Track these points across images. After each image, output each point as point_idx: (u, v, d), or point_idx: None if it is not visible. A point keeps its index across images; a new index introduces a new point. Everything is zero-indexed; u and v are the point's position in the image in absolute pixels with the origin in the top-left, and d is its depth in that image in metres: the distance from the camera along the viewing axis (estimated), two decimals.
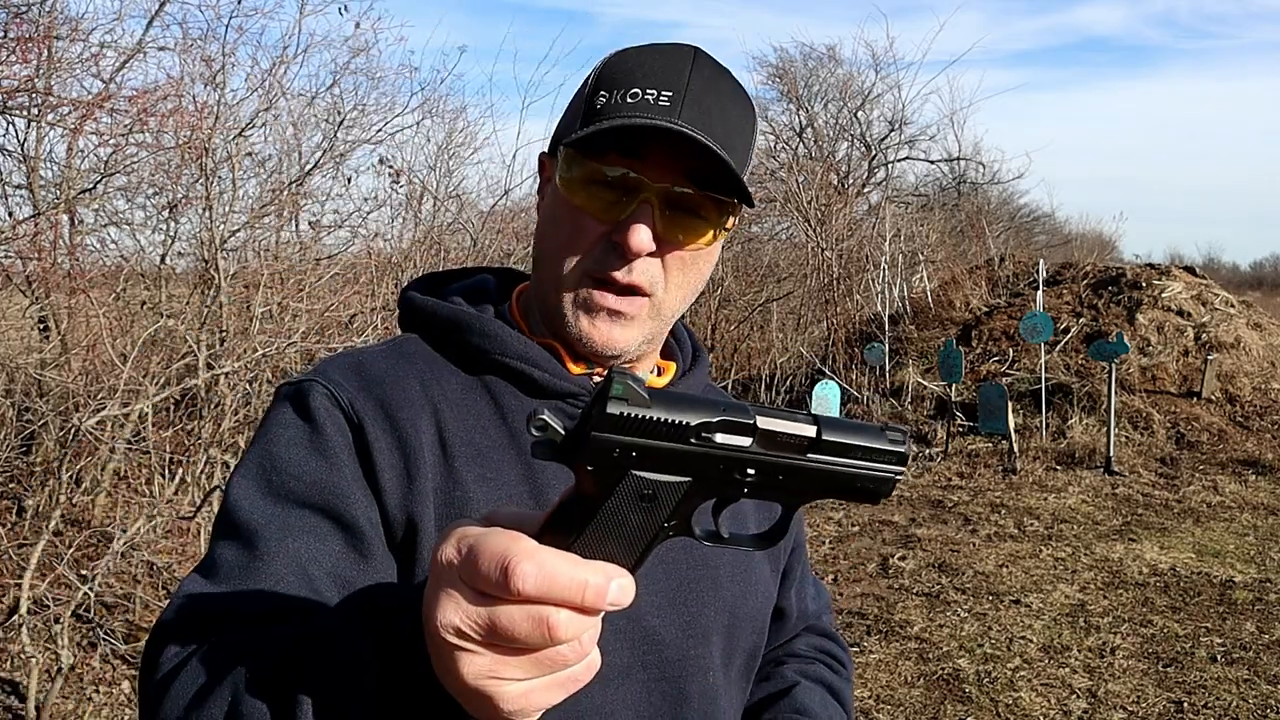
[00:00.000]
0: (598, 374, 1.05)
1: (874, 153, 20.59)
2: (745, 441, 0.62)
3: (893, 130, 20.82)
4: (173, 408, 5.94)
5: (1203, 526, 7.12)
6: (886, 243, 12.59)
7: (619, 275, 0.97)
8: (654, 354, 1.12)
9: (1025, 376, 10.29)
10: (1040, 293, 10.94)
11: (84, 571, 4.19)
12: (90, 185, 6.29)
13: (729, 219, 1.00)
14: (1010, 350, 10.89)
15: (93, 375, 5.34)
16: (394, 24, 16.43)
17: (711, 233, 1.00)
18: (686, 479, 0.61)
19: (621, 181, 0.95)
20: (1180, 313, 10.96)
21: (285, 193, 7.38)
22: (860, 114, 20.63)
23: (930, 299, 12.71)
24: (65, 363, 5.54)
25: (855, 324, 12.46)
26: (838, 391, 8.48)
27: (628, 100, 0.94)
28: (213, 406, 5.49)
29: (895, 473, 0.66)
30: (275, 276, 6.28)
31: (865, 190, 19.54)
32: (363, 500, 0.92)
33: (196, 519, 4.92)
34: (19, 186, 6.49)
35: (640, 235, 0.94)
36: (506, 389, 1.02)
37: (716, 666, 1.05)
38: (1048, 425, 9.57)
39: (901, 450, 0.66)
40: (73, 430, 4.85)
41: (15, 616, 3.83)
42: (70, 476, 5.08)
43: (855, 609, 5.48)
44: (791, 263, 13.36)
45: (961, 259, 15.22)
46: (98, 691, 4.05)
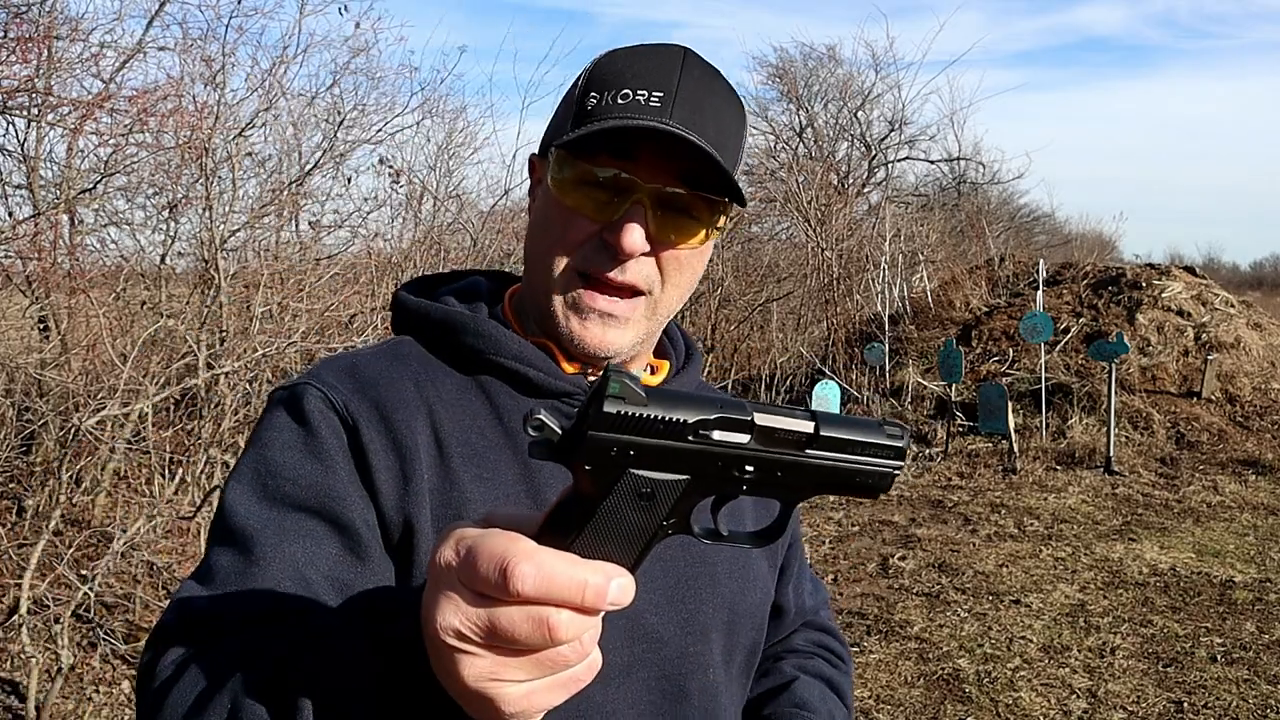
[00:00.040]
0: (593, 373, 1.05)
1: (874, 153, 20.60)
2: (743, 438, 0.62)
3: (893, 130, 20.86)
4: (173, 408, 5.94)
5: (1203, 526, 7.11)
6: (886, 243, 12.58)
7: (612, 275, 0.97)
8: (648, 353, 1.12)
9: (1025, 376, 10.28)
10: (1040, 293, 10.93)
11: (84, 571, 4.18)
12: (90, 185, 6.29)
13: (721, 218, 1.01)
14: (1010, 350, 10.88)
15: (93, 375, 5.33)
16: (394, 24, 16.51)
17: (704, 232, 1.00)
18: (685, 477, 0.61)
19: (613, 182, 0.95)
20: (1180, 313, 10.95)
21: (285, 193, 7.38)
22: (860, 114, 20.66)
23: (930, 299, 12.70)
24: (65, 363, 5.54)
25: (855, 324, 12.46)
26: (838, 391, 8.47)
27: (619, 101, 0.94)
28: (213, 406, 5.49)
29: (894, 467, 0.66)
30: (275, 276, 6.28)
31: (865, 190, 19.56)
32: (359, 502, 0.91)
33: (196, 519, 4.92)
34: (19, 186, 6.50)
35: (633, 235, 0.94)
36: (502, 389, 1.02)
37: (717, 663, 1.05)
38: (1048, 425, 9.56)
39: (899, 445, 0.66)
40: (73, 430, 4.85)
41: (15, 616, 3.83)
42: (70, 476, 5.08)
43: (855, 609, 5.48)
44: (791, 263, 13.35)
45: (961, 259, 15.21)
46: (98, 691, 4.05)
